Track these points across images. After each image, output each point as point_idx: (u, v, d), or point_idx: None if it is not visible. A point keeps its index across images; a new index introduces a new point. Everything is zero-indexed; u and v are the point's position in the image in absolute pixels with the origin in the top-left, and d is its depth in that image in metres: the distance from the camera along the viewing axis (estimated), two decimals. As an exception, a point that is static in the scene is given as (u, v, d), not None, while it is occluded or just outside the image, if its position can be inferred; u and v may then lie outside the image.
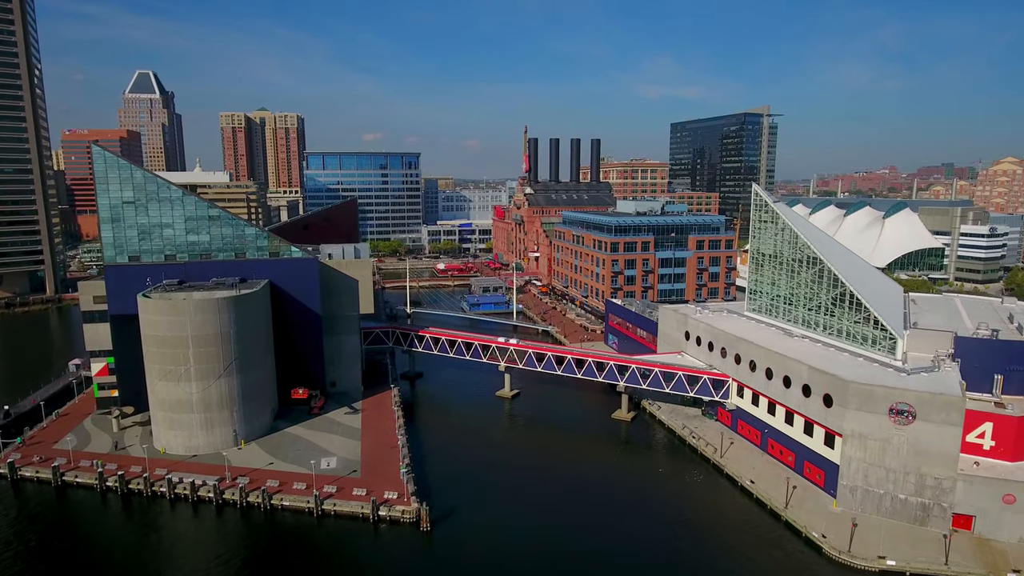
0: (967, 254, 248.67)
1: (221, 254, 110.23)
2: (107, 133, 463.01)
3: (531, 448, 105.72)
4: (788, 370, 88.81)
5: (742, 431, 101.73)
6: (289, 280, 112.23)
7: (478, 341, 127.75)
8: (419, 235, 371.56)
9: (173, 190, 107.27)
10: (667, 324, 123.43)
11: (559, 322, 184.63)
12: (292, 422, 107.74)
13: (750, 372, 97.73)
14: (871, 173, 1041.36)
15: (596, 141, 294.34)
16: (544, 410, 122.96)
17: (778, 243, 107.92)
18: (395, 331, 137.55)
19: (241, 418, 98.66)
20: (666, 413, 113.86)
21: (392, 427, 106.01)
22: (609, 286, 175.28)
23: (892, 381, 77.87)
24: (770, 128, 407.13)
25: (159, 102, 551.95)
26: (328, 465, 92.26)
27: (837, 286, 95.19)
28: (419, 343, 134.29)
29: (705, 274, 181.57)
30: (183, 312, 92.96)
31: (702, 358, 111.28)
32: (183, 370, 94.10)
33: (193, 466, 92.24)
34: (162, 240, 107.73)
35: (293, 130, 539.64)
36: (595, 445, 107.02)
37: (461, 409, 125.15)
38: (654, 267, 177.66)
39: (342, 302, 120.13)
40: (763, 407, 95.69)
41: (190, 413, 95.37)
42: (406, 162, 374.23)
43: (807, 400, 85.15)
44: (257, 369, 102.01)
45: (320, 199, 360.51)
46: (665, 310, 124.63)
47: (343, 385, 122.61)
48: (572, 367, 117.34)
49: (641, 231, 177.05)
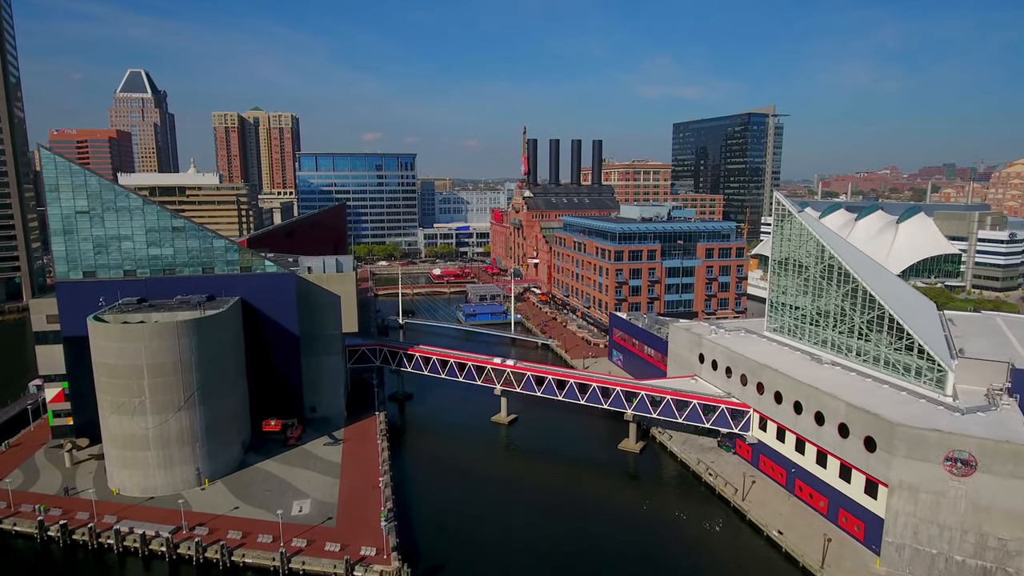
0: (985, 261, 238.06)
1: (187, 269, 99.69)
2: (96, 133, 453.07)
3: (529, 487, 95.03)
4: (821, 405, 78.30)
5: (765, 468, 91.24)
6: (263, 297, 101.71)
7: (472, 362, 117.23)
8: (415, 238, 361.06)
9: (132, 198, 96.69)
10: (679, 344, 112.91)
11: (560, 335, 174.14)
12: (265, 455, 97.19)
13: (775, 404, 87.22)
14: (872, 173, 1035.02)
15: (598, 142, 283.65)
16: (544, 439, 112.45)
17: (803, 257, 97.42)
18: (383, 349, 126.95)
19: (205, 454, 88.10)
20: (678, 444, 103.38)
21: (375, 461, 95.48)
22: (613, 297, 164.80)
23: (947, 424, 67.38)
24: (775, 128, 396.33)
25: (151, 101, 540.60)
26: (300, 511, 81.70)
27: (874, 308, 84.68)
28: (408, 362, 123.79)
29: (715, 284, 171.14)
30: (137, 338, 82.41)
31: (718, 384, 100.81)
32: (137, 402, 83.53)
33: (148, 511, 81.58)
34: (120, 254, 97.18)
35: (288, 130, 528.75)
36: (601, 481, 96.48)
37: (453, 438, 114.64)
38: (661, 277, 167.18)
39: (323, 320, 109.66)
40: (790, 444, 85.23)
41: (146, 451, 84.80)
42: (402, 163, 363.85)
43: (844, 441, 74.67)
44: (225, 398, 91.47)
45: (313, 201, 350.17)
46: (677, 329, 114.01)
47: (324, 410, 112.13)
48: (575, 392, 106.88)
49: (647, 239, 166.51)
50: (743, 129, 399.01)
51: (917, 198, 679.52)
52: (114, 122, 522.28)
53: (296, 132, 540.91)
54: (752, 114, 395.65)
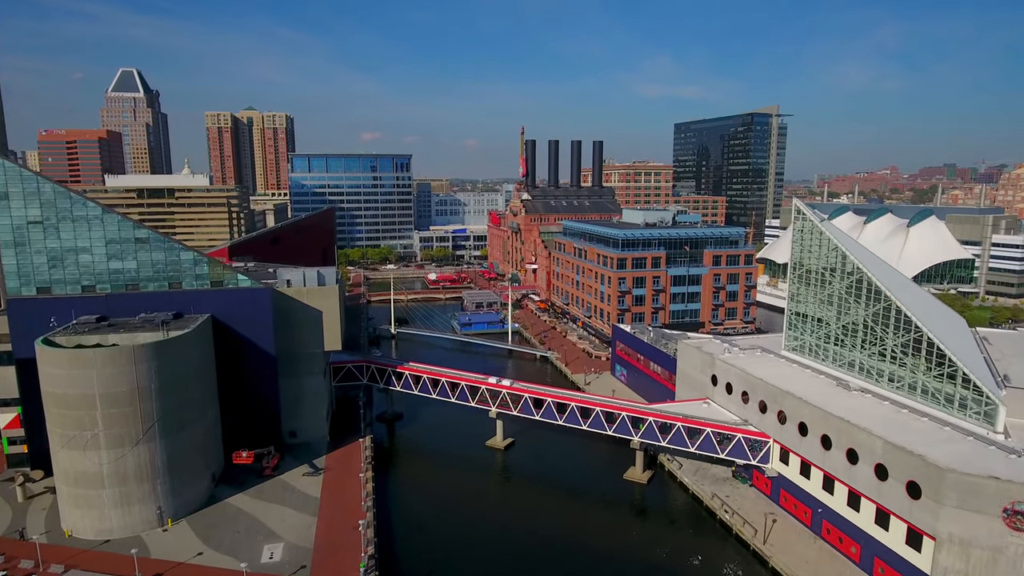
0: (999, 266, 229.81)
1: (151, 284, 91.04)
2: (85, 133, 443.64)
3: (527, 524, 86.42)
4: (854, 441, 69.87)
5: (786, 505, 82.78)
6: (236, 314, 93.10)
7: (465, 381, 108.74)
8: (411, 241, 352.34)
9: (91, 207, 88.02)
10: (689, 363, 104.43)
11: (559, 346, 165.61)
12: (238, 488, 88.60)
13: (799, 436, 78.75)
14: (872, 174, 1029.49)
15: (598, 143, 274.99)
16: (543, 467, 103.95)
17: (826, 271, 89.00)
18: (370, 366, 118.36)
19: (167, 491, 79.48)
20: (689, 474, 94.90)
21: (358, 495, 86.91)
22: (615, 307, 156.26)
23: (1005, 470, 58.94)
24: (779, 129, 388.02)
25: (143, 101, 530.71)
26: (271, 557, 73.15)
27: (910, 330, 76.24)
28: (397, 381, 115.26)
29: (722, 293, 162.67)
30: (88, 365, 73.79)
31: (733, 409, 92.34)
32: (90, 436, 74.93)
33: (101, 558, 73.04)
34: (78, 268, 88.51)
35: (282, 130, 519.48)
36: (605, 516, 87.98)
37: (444, 465, 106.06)
38: (666, 285, 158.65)
39: (303, 337, 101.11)
40: (816, 480, 76.79)
41: (100, 489, 76.16)
42: (397, 164, 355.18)
43: (881, 484, 66.24)
44: (191, 427, 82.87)
45: (306, 203, 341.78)
46: (687, 347, 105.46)
47: (305, 435, 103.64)
48: (576, 416, 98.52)
49: (651, 245, 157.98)
50: (746, 129, 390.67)
51: (918, 198, 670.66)
52: (105, 122, 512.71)
53: (291, 132, 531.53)
54: (755, 114, 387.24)
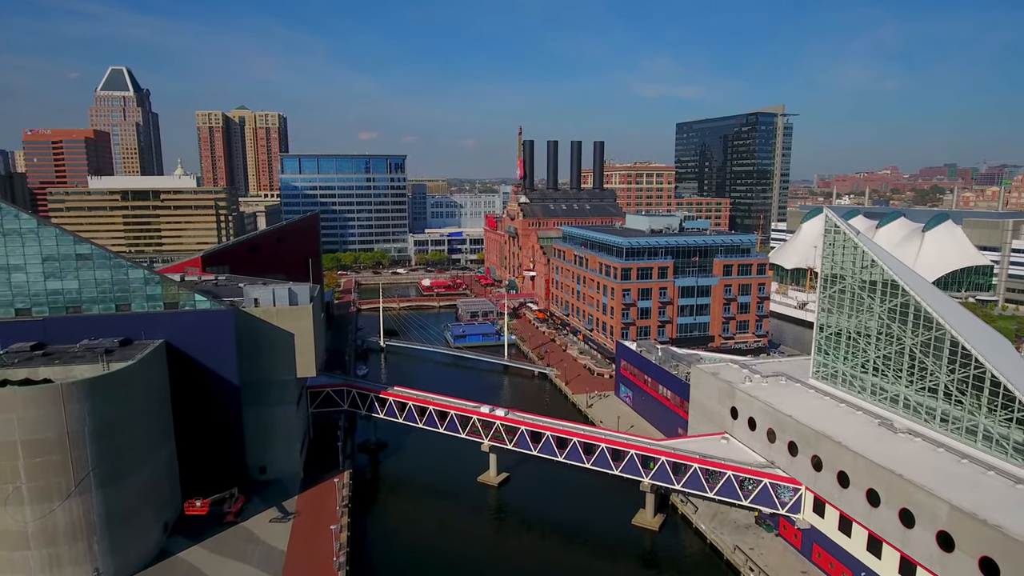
0: (1021, 273, 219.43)
1: (96, 306, 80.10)
2: (72, 133, 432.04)
3: (523, 573, 75.95)
4: (909, 501, 59.15)
5: (820, 562, 72.06)
6: (193, 340, 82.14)
7: (455, 411, 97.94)
8: (405, 245, 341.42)
9: (24, 219, 77.09)
10: (705, 392, 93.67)
11: (559, 361, 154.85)
12: (193, 538, 77.65)
13: (838, 487, 68.05)
14: (872, 174, 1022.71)
15: (599, 144, 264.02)
16: (542, 507, 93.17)
17: (863, 290, 78.30)
18: (351, 390, 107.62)
19: (107, 549, 68.63)
20: (705, 519, 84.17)
21: (330, 547, 76.11)
22: (619, 321, 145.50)
23: (1107, 550, 48.27)
24: (784, 129, 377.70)
25: (133, 100, 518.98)
26: (222, 632, 62.43)
27: (968, 364, 65.57)
28: (381, 407, 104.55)
29: (733, 305, 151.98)
30: (8, 407, 62.87)
31: (757, 448, 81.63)
32: (12, 489, 64.06)
33: (22, 634, 62.34)
34: (10, 288, 77.55)
35: (275, 130, 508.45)
36: (610, 568, 77.23)
37: (430, 503, 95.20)
38: (673, 297, 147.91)
39: (273, 363, 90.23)
40: (859, 539, 66.08)
41: (25, 550, 65.31)
42: (391, 164, 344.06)
43: (946, 556, 55.55)
44: (137, 473, 71.97)
45: (297, 205, 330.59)
46: (701, 374, 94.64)
47: (276, 470, 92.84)
48: (578, 452, 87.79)
49: (658, 254, 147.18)
50: (750, 129, 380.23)
51: (920, 199, 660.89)
52: (94, 121, 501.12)
53: (284, 132, 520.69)
54: (760, 113, 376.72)
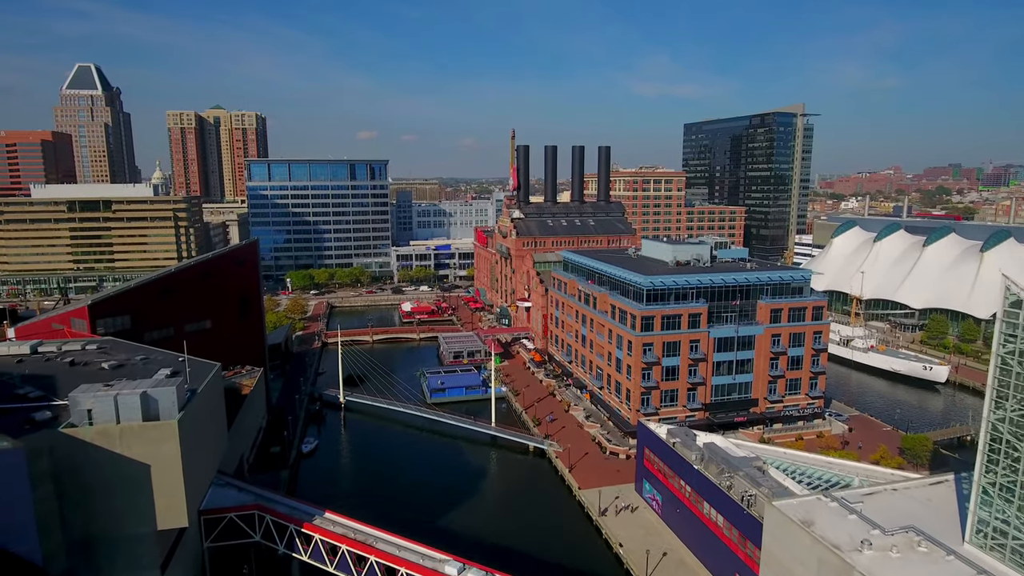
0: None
1: None
2: (27, 135, 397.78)
3: None
4: None
5: None
6: (-44, 499, 49.23)
7: (407, 568, 64.98)
8: (387, 259, 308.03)
9: None
10: (792, 553, 60.40)
11: (560, 429, 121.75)
12: None
13: None
14: (875, 174, 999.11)
15: (604, 149, 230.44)
16: None
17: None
18: (264, 516, 74.52)
19: None
20: None
21: None
22: (639, 384, 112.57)
23: None
24: (804, 130, 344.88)
25: (102, 99, 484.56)
26: None
27: None
28: (305, 546, 71.62)
29: (782, 360, 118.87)
30: None
31: None
32: None
33: None
34: None
35: (252, 131, 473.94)
36: None
37: None
38: (707, 352, 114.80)
39: (114, 511, 57.41)
40: None
41: None
42: (372, 170, 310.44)
43: None
44: None
45: (266, 216, 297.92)
46: (787, 524, 61.10)
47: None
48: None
49: (687, 297, 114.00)
50: (766, 131, 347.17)
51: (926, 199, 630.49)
52: (59, 122, 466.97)
53: (262, 133, 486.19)
54: (777, 113, 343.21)
